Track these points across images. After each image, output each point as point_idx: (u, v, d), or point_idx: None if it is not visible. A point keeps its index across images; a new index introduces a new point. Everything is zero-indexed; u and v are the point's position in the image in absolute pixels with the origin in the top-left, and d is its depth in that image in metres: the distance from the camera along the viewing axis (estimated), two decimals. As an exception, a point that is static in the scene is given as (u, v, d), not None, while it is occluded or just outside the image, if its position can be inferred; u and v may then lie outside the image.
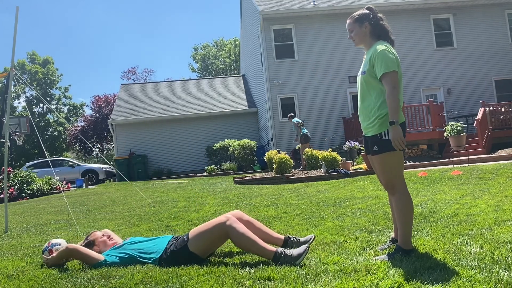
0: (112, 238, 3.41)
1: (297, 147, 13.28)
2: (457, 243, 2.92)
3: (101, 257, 3.08)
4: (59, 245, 3.32)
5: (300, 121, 12.34)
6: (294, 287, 2.28)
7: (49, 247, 3.31)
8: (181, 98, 21.08)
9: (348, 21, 2.98)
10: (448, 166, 9.58)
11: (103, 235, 3.37)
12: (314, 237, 3.23)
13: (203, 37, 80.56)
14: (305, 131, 12.23)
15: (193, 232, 3.03)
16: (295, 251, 2.76)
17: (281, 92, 15.79)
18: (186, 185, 11.37)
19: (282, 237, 3.20)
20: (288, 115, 13.11)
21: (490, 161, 9.59)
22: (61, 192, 12.94)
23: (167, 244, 3.10)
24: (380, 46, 2.79)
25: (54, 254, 3.20)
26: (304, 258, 2.76)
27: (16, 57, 43.16)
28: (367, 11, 2.93)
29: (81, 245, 3.24)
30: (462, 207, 4.48)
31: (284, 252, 2.76)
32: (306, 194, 7.07)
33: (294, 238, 3.18)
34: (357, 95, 3.02)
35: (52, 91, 41.53)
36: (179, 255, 2.95)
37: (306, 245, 2.84)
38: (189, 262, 2.90)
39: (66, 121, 40.42)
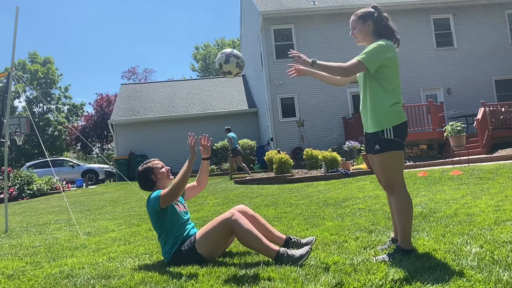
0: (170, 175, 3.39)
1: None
2: (457, 243, 2.91)
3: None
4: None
5: (235, 136, 12.42)
6: (294, 287, 2.28)
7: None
8: (181, 98, 21.07)
9: (352, 18, 2.97)
10: (448, 166, 9.58)
11: (163, 166, 3.34)
12: (315, 239, 3.21)
13: (203, 37, 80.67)
14: (237, 146, 12.37)
15: (199, 232, 3.00)
16: (297, 252, 2.74)
17: (281, 92, 15.79)
18: (186, 185, 11.34)
19: (284, 236, 3.18)
20: (225, 128, 13.02)
21: (490, 161, 9.59)
22: (61, 192, 12.94)
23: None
24: (380, 41, 2.79)
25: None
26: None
27: (17, 57, 43.15)
28: (372, 10, 2.91)
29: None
30: (462, 207, 4.48)
31: (287, 252, 2.75)
32: (306, 194, 7.07)
33: (295, 240, 3.15)
34: (357, 95, 3.02)
35: (52, 91, 41.60)
36: (187, 257, 2.92)
37: (309, 246, 2.82)
38: (196, 264, 2.88)
39: (66, 120, 40.45)
